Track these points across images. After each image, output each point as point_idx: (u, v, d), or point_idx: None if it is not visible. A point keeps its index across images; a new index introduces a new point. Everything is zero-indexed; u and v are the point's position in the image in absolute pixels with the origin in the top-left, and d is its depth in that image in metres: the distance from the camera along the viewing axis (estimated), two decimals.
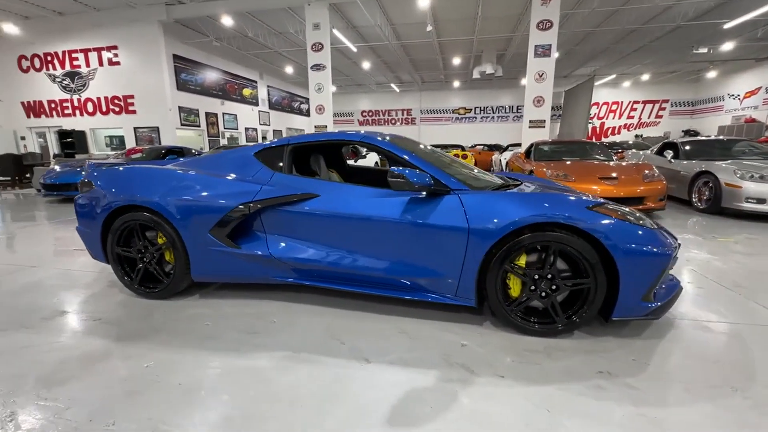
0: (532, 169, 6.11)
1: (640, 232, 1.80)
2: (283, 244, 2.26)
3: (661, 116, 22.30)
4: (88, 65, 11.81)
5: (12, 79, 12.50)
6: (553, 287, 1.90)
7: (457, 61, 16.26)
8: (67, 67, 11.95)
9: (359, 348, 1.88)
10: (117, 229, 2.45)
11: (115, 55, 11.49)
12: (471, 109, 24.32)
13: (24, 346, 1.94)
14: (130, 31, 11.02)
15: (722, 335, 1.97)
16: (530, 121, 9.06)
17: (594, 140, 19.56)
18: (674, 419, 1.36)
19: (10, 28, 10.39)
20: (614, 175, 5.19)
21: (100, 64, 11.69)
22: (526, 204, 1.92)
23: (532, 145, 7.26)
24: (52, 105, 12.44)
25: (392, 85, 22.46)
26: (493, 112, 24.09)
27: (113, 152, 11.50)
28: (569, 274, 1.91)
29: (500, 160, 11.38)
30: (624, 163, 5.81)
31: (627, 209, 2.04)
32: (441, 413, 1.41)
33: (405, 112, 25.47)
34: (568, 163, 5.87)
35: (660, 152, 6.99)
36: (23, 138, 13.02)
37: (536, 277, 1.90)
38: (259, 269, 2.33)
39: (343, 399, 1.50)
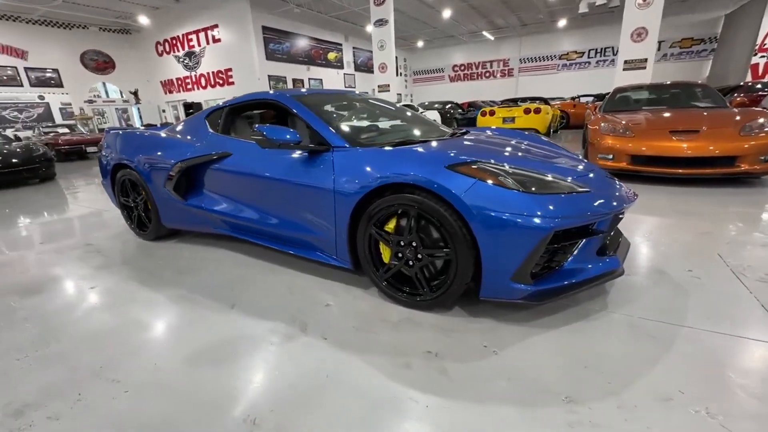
0: (586, 124, 5.06)
1: (507, 198, 1.45)
2: (209, 198, 2.51)
3: None
4: (199, 44, 13.85)
5: (153, 63, 15.56)
6: (419, 256, 1.70)
7: None
8: (186, 48, 14.24)
9: (240, 297, 2.04)
10: (118, 182, 3.06)
11: (217, 32, 13.15)
12: (583, 53, 20.43)
13: (45, 266, 2.68)
14: (225, 8, 12.40)
15: (642, 337, 1.49)
16: (625, 62, 7.25)
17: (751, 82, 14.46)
18: (446, 414, 1.17)
19: (144, 20, 12.78)
20: (698, 127, 3.92)
21: (207, 42, 13.58)
22: (388, 162, 1.71)
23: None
24: (179, 82, 15.15)
25: (485, 33, 20.27)
26: (614, 54, 19.75)
27: None
28: (443, 244, 1.67)
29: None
30: (729, 111, 4.31)
31: (520, 168, 1.62)
32: (236, 359, 1.50)
33: (502, 63, 22.92)
34: (639, 113, 4.63)
35: None
36: (164, 111, 16.34)
37: (401, 243, 1.72)
38: (201, 219, 2.65)
39: (182, 334, 1.70)
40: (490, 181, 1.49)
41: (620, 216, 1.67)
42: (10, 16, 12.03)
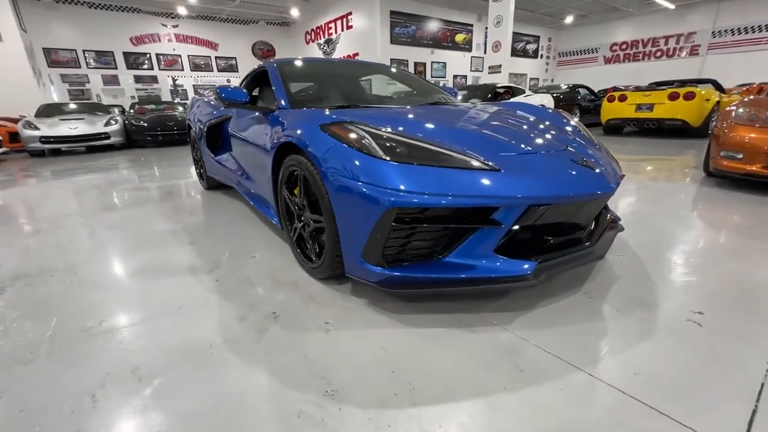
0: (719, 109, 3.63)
1: (361, 163, 1.26)
2: (222, 155, 2.91)
3: None
4: (336, 32, 15.30)
5: (302, 50, 17.98)
6: (312, 220, 1.64)
7: None
8: (326, 36, 15.94)
9: (207, 238, 2.35)
10: (190, 139, 3.82)
11: (351, 19, 14.26)
12: None
13: (131, 198, 3.61)
14: None
15: (505, 366, 1.12)
16: None
17: None
18: (220, 365, 1.17)
19: (295, 12, 14.83)
20: None
21: (343, 29, 14.88)
22: (294, 123, 1.66)
23: None
24: None
25: (661, 1, 16.11)
26: None
27: None
28: None
29: None
30: None
31: (405, 136, 1.36)
32: (144, 279, 1.79)
33: (683, 38, 17.93)
34: None
35: None
36: None
37: (298, 206, 1.70)
38: (225, 174, 3.09)
39: (141, 255, 2.11)
40: (350, 144, 1.32)
41: (540, 209, 1.24)
42: (207, 16, 15.74)
